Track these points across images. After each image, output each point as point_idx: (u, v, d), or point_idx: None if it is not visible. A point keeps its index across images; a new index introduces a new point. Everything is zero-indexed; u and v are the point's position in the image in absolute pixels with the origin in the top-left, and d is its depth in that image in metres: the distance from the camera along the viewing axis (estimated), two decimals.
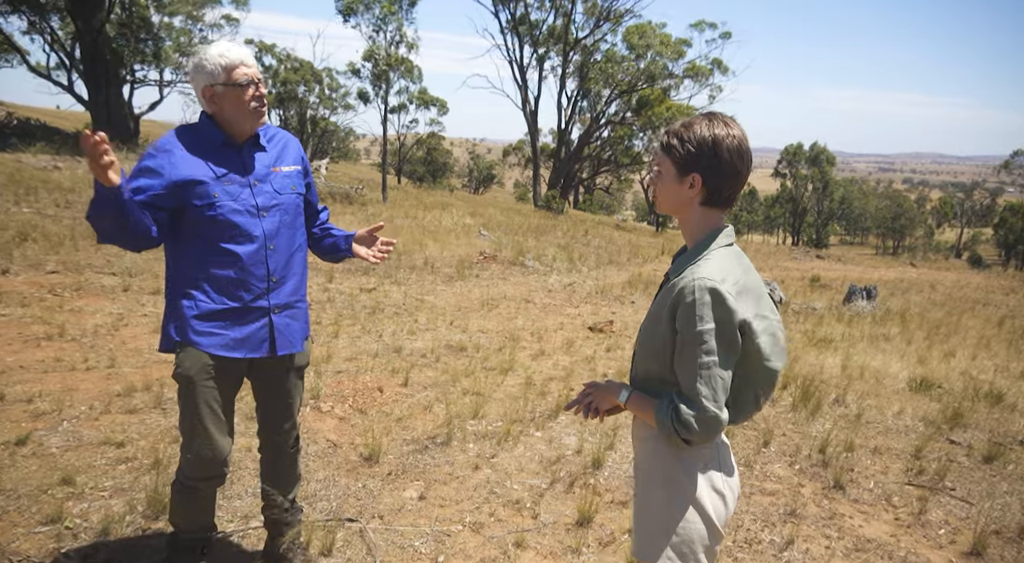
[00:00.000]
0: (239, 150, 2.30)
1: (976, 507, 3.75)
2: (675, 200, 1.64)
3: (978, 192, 78.56)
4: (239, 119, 2.24)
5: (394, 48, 18.47)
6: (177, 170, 2.17)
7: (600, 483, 3.71)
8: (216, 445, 2.31)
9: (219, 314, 2.27)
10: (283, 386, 2.51)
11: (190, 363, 2.25)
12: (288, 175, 2.40)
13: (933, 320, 9.77)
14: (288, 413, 2.56)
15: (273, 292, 2.35)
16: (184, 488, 2.40)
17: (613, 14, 27.62)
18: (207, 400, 2.28)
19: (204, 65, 2.18)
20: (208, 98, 2.22)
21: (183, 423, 2.33)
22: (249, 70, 2.21)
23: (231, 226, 2.23)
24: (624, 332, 7.41)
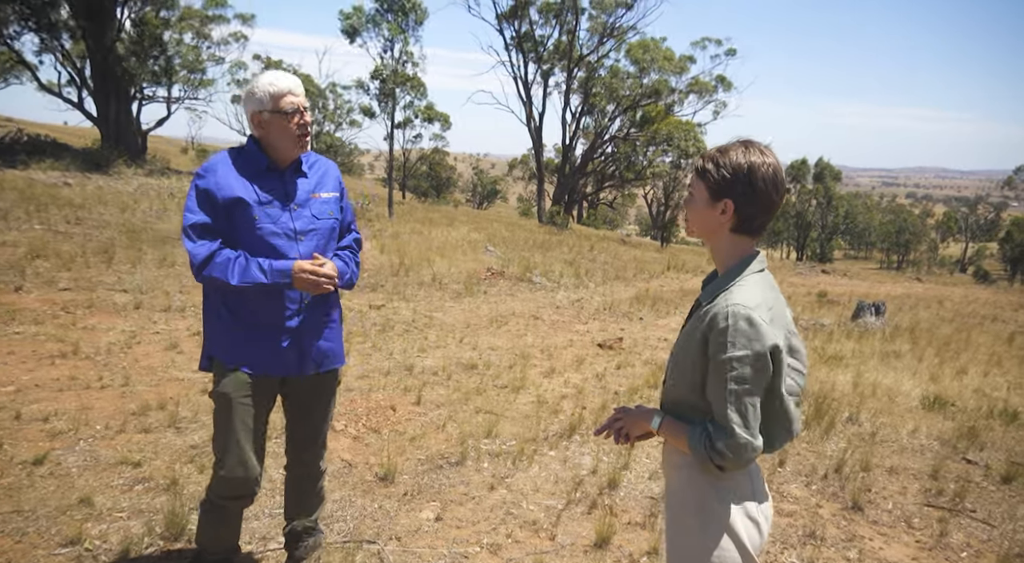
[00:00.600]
0: (282, 175, 2.38)
1: (998, 529, 3.72)
2: (706, 225, 1.64)
3: (982, 206, 78.57)
4: (283, 144, 2.33)
5: (401, 66, 18.61)
6: (222, 191, 2.26)
7: (617, 504, 3.69)
8: (249, 464, 2.34)
9: (253, 333, 2.33)
10: (313, 405, 2.55)
11: (227, 381, 2.32)
12: (327, 201, 2.46)
13: (943, 336, 9.74)
14: (317, 431, 2.60)
15: (304, 313, 2.39)
16: (213, 507, 2.42)
17: (617, 31, 27.82)
18: (243, 418, 2.33)
19: (255, 92, 2.29)
20: (256, 123, 2.32)
21: (217, 441, 2.36)
22: (296, 99, 2.29)
23: (269, 248, 2.30)
24: (634, 349, 7.39)
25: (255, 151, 2.36)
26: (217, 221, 2.27)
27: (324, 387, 2.55)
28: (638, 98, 27.65)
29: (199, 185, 2.28)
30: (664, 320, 9.46)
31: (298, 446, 2.60)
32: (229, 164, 2.33)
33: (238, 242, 2.29)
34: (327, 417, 2.61)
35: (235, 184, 2.28)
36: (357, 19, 19.51)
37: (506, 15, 27.67)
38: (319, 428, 2.59)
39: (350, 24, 19.49)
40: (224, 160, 2.34)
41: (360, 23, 19.35)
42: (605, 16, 27.02)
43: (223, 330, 2.34)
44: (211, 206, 2.27)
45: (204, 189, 2.27)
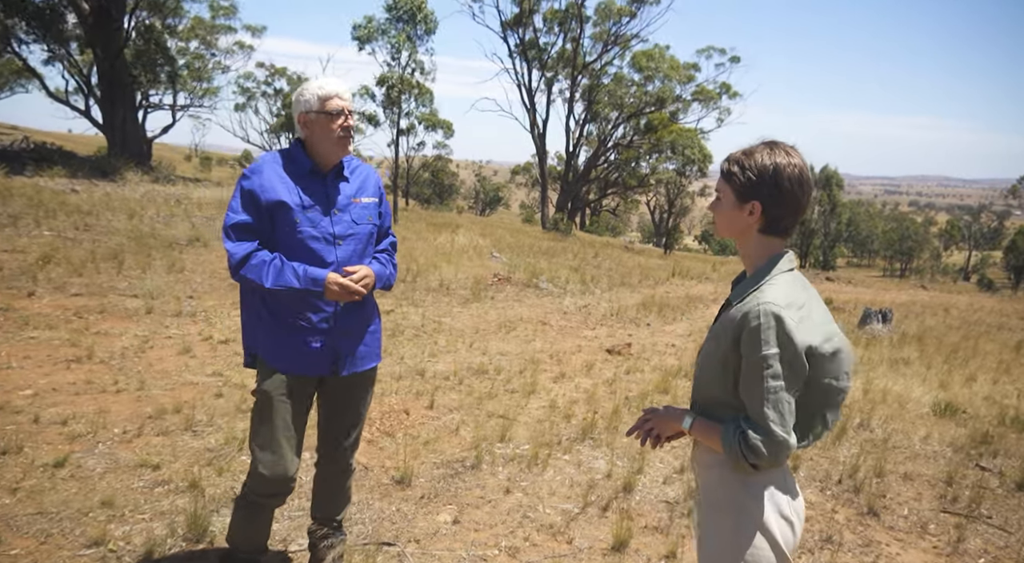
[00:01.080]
0: (324, 180, 2.43)
1: (1015, 536, 3.73)
2: (734, 226, 1.66)
3: (985, 215, 78.42)
4: (326, 145, 2.38)
5: (408, 74, 18.69)
6: (266, 192, 2.32)
7: (632, 507, 3.70)
8: (287, 461, 2.38)
9: (290, 333, 2.37)
10: (349, 403, 2.59)
11: (268, 380, 2.36)
12: (366, 206, 2.51)
13: (951, 344, 9.73)
14: (350, 430, 2.64)
15: (340, 316, 2.43)
16: (248, 504, 2.46)
17: (621, 38, 27.93)
18: (283, 416, 2.38)
19: (304, 94, 2.36)
20: (302, 124, 2.38)
21: (256, 438, 2.40)
22: (341, 102, 2.35)
23: (308, 251, 2.34)
24: (642, 354, 7.40)
25: (300, 154, 2.42)
26: (259, 222, 2.32)
27: (360, 386, 2.59)
28: (642, 106, 27.73)
29: (244, 186, 2.33)
30: (671, 326, 9.46)
31: (331, 443, 2.64)
32: (275, 166, 2.38)
33: (277, 243, 2.34)
34: (361, 416, 2.66)
35: (279, 186, 2.33)
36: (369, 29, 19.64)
37: (510, 23, 27.79)
38: (353, 426, 2.64)
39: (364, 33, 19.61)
40: (270, 161, 2.39)
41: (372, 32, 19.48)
42: (609, 24, 27.15)
43: (263, 331, 2.40)
44: (254, 207, 2.32)
45: (249, 190, 2.32)
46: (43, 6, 19.26)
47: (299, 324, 2.38)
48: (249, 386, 4.91)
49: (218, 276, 8.73)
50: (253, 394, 2.45)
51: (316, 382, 2.50)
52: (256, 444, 2.40)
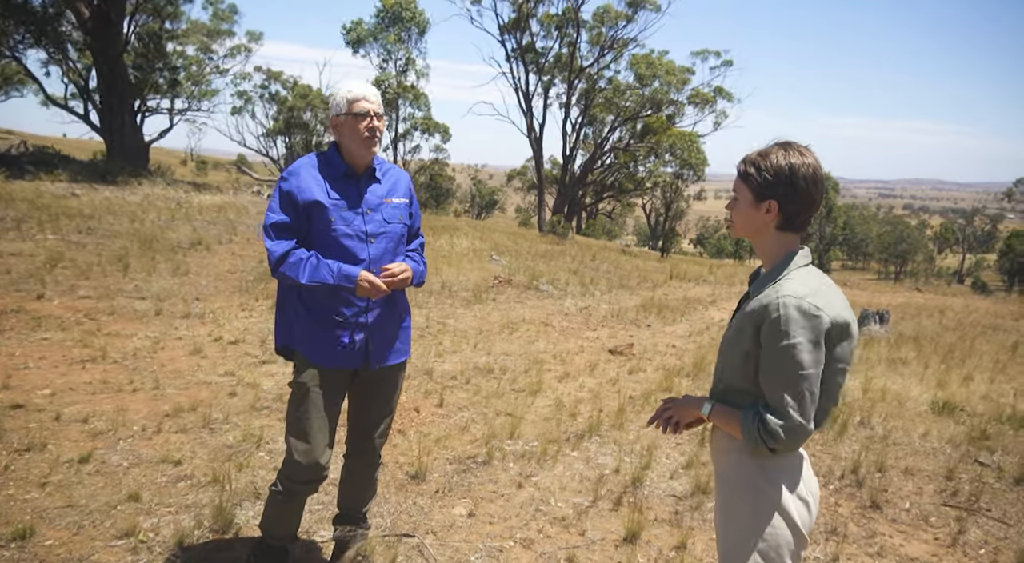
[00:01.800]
0: (357, 181, 2.54)
1: (1014, 528, 3.83)
2: (752, 225, 1.76)
3: (979, 218, 78.97)
4: (354, 145, 2.49)
5: (403, 76, 18.79)
6: (303, 193, 2.43)
7: (642, 501, 3.79)
8: (321, 449, 2.49)
9: (324, 326, 2.48)
10: (379, 396, 2.70)
11: (305, 373, 2.48)
12: (397, 206, 2.62)
13: (947, 344, 9.86)
14: (380, 423, 2.73)
15: (372, 311, 2.53)
16: (283, 491, 2.54)
17: (618, 43, 28.11)
18: (317, 407, 2.48)
19: (334, 98, 2.49)
20: (333, 126, 2.51)
21: (291, 428, 2.51)
22: (368, 105, 2.46)
23: (342, 249, 2.46)
24: (644, 355, 7.50)
25: (335, 157, 2.53)
26: (296, 221, 2.45)
27: (391, 379, 2.69)
28: (638, 109, 27.90)
29: (283, 187, 2.45)
30: (671, 327, 9.57)
31: (361, 436, 2.74)
32: (311, 168, 2.50)
33: (313, 241, 2.45)
34: (392, 408, 2.76)
35: (315, 187, 2.45)
36: (360, 32, 19.75)
37: (508, 27, 27.94)
38: (384, 418, 2.74)
39: (355, 36, 19.73)
40: (307, 164, 2.51)
41: (363, 35, 19.58)
42: (606, 28, 27.33)
43: (300, 326, 2.50)
44: (292, 207, 2.44)
45: (287, 191, 2.44)
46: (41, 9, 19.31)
47: (334, 319, 2.48)
48: (261, 386, 5.01)
49: (223, 278, 8.81)
50: (290, 386, 2.55)
51: (350, 375, 2.59)
52: (292, 433, 2.51)
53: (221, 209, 14.23)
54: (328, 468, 2.55)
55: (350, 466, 2.81)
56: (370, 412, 2.71)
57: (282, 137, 34.42)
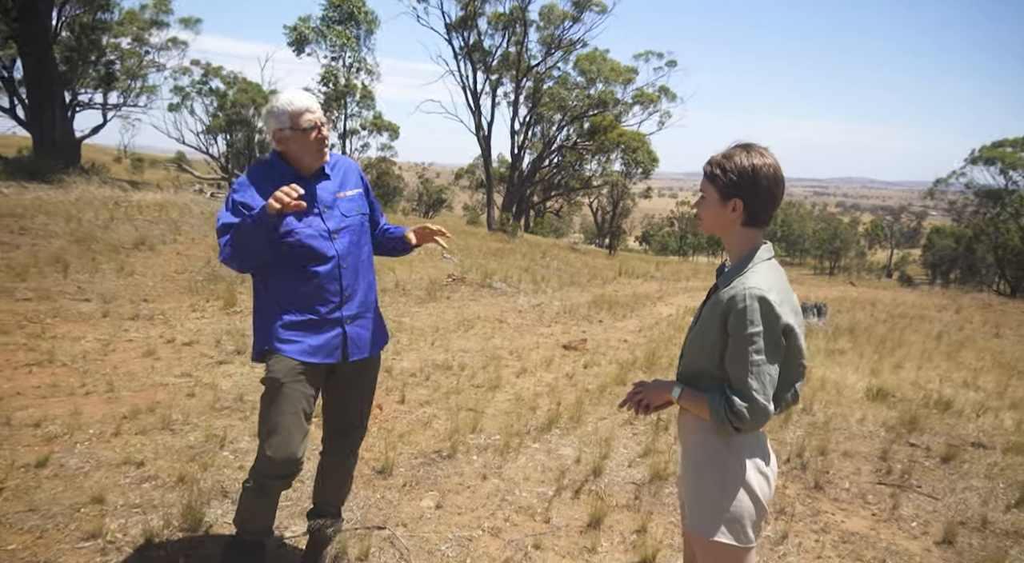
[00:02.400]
0: (308, 182, 2.57)
1: (941, 502, 4.13)
2: (719, 222, 1.90)
3: (905, 216, 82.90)
4: (304, 157, 2.54)
5: (353, 75, 18.61)
6: (257, 200, 2.45)
7: (602, 489, 3.94)
8: (294, 444, 2.50)
9: (301, 325, 2.52)
10: (356, 388, 2.74)
11: (279, 367, 2.49)
12: (352, 198, 2.66)
13: (879, 335, 10.39)
14: (357, 416, 2.79)
15: (346, 305, 2.59)
16: (256, 486, 2.57)
17: (564, 43, 28.42)
18: (291, 401, 2.50)
19: (274, 110, 2.49)
20: (278, 140, 2.52)
21: (264, 423, 2.52)
22: (313, 116, 2.49)
23: (309, 249, 2.50)
24: (598, 350, 7.69)
25: (280, 164, 2.57)
26: None
27: (367, 372, 2.74)
28: (585, 109, 28.29)
29: (236, 198, 2.49)
30: (622, 323, 9.80)
31: (339, 430, 2.78)
32: (260, 177, 2.53)
33: (278, 245, 2.47)
34: (369, 401, 2.81)
35: (266, 192, 2.45)
36: (305, 30, 19.42)
37: (455, 25, 27.91)
38: (361, 412, 2.78)
39: (298, 35, 19.39)
40: (255, 174, 2.55)
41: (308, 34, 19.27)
42: (553, 28, 27.61)
43: (275, 323, 2.52)
44: (246, 210, 2.45)
45: (240, 201, 2.47)
46: None
47: (309, 317, 2.52)
48: (220, 386, 4.97)
49: (170, 279, 8.62)
50: (262, 382, 2.57)
51: (326, 371, 2.63)
52: (265, 428, 2.52)
53: (163, 208, 13.83)
54: (302, 463, 2.58)
55: (327, 463, 2.84)
56: (348, 407, 2.76)
57: (223, 134, 33.56)
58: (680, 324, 9.79)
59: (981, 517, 3.90)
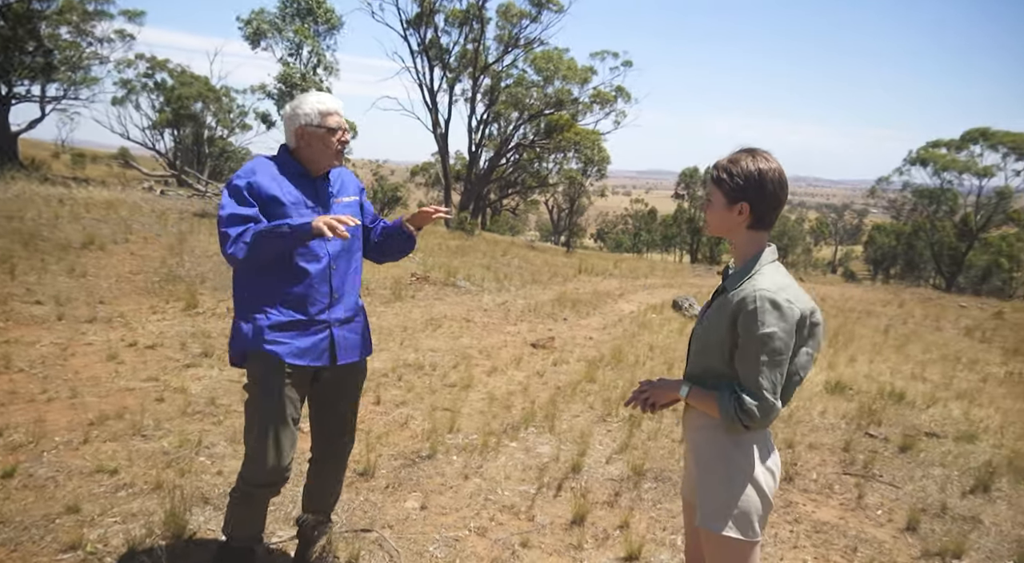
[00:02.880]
0: (313, 181, 2.55)
1: (902, 490, 4.31)
2: (725, 225, 1.95)
3: (848, 213, 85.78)
4: (323, 157, 2.53)
5: (312, 72, 18.27)
6: (260, 188, 2.42)
7: (583, 486, 3.99)
8: (282, 451, 2.46)
9: (288, 325, 2.47)
10: (343, 395, 2.71)
11: (264, 371, 2.44)
12: (349, 204, 2.65)
13: (831, 329, 10.73)
14: (346, 422, 2.76)
15: (334, 307, 2.56)
16: (244, 494, 2.53)
17: (522, 41, 28.46)
18: (279, 407, 2.45)
19: (303, 107, 2.48)
20: (299, 136, 2.50)
21: (251, 430, 2.47)
22: (340, 119, 2.50)
23: (303, 246, 2.45)
24: (565, 348, 7.76)
25: (291, 161, 2.54)
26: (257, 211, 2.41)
27: (353, 377, 2.71)
28: (542, 107, 28.38)
29: (238, 184, 2.42)
30: (586, 320, 9.91)
31: (326, 437, 2.75)
32: (265, 168, 2.50)
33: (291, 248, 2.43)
34: (356, 407, 2.78)
35: (272, 184, 2.45)
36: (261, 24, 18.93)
37: (411, 22, 27.66)
38: (348, 418, 2.75)
39: (254, 30, 18.88)
40: (260, 164, 2.52)
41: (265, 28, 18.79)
42: (510, 26, 27.61)
43: (262, 322, 2.45)
44: (249, 199, 2.41)
45: (242, 187, 2.41)
46: None
47: (298, 317, 2.48)
48: (190, 390, 4.86)
49: (126, 280, 8.36)
50: (245, 388, 2.52)
51: (312, 374, 2.59)
52: (251, 436, 2.48)
53: (111, 206, 13.37)
54: (290, 470, 2.54)
55: (316, 470, 2.81)
56: (335, 413, 2.73)
57: (170, 130, 32.61)
58: (643, 321, 9.95)
59: (941, 503, 4.09)
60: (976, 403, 6.86)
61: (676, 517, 3.69)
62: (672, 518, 3.68)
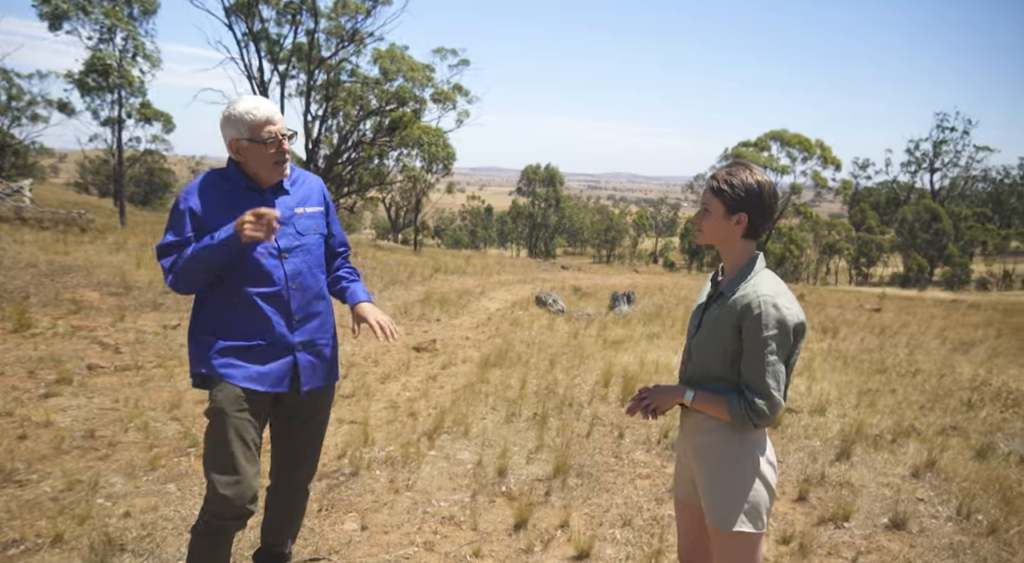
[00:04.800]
0: (262, 195, 2.38)
1: (784, 463, 4.80)
2: (721, 234, 2.06)
3: (665, 207, 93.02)
4: (262, 171, 2.36)
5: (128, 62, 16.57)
6: (205, 211, 2.27)
7: (513, 489, 4.03)
8: (248, 480, 2.30)
9: (244, 350, 2.31)
10: (307, 424, 2.55)
11: (222, 396, 2.27)
12: (312, 215, 2.48)
13: (678, 318, 11.60)
14: (309, 452, 2.59)
15: (297, 330, 2.39)
16: (209, 530, 2.34)
17: (357, 35, 27.69)
18: (239, 433, 2.29)
19: (232, 119, 2.28)
20: (234, 149, 2.32)
21: (212, 460, 2.29)
22: (275, 127, 2.31)
23: (255, 266, 2.31)
24: (447, 349, 7.74)
25: (236, 174, 2.36)
26: (198, 237, 2.27)
27: (320, 403, 2.55)
28: (383, 104, 27.85)
29: (180, 208, 2.26)
30: (457, 320, 9.93)
31: (288, 465, 2.57)
32: (210, 186, 2.33)
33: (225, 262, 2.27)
34: (321, 434, 2.61)
35: (216, 206, 2.29)
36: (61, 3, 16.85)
37: (235, 9, 25.91)
38: (315, 446, 2.58)
39: (53, 8, 16.75)
40: (206, 182, 2.34)
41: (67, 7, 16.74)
42: (344, 20, 26.75)
43: (216, 348, 2.29)
44: (192, 224, 2.26)
45: (183, 211, 2.27)
46: None
47: (256, 342, 2.32)
48: (58, 423, 4.28)
49: None
50: (206, 415, 2.32)
51: (271, 400, 2.42)
52: (213, 467, 2.29)
53: None
54: (256, 500, 2.37)
55: (276, 500, 2.63)
56: (296, 439, 2.57)
57: None
58: (513, 319, 10.16)
59: (820, 473, 4.61)
60: (813, 379, 7.77)
61: (608, 511, 3.84)
62: (604, 512, 3.83)
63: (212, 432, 2.29)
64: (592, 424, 5.28)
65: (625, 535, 3.58)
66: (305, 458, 2.61)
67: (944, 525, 3.90)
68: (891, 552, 3.55)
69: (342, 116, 28.84)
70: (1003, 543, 3.69)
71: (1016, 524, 3.86)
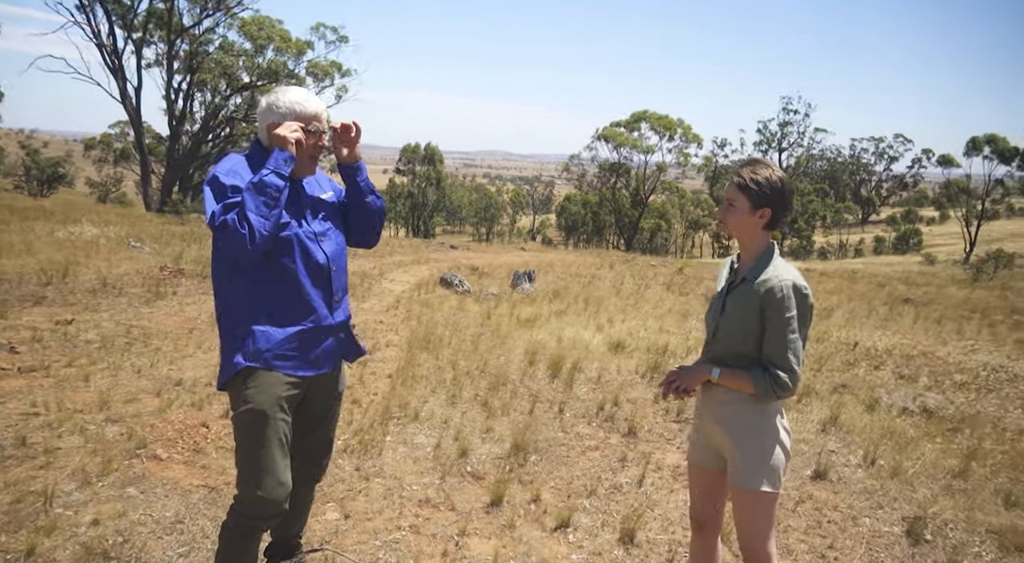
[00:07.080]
0: (294, 181, 2.35)
1: None
2: (745, 227, 2.29)
3: (540, 185, 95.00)
4: (299, 161, 2.32)
5: None
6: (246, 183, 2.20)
7: (478, 469, 4.18)
8: (285, 479, 2.33)
9: (293, 336, 2.31)
10: (328, 412, 2.60)
11: (264, 398, 2.25)
12: (331, 203, 2.50)
13: (578, 295, 12.06)
14: (329, 441, 2.65)
15: (336, 310, 2.44)
16: (244, 531, 2.35)
17: (223, 4, 26.02)
18: (278, 433, 2.30)
19: (279, 106, 2.28)
20: (272, 133, 2.27)
21: (251, 463, 2.29)
22: (320, 125, 2.32)
23: (302, 247, 2.32)
24: (367, 334, 7.67)
25: (264, 157, 2.30)
26: None
27: (335, 393, 2.58)
28: (254, 78, 26.42)
29: (225, 182, 2.19)
30: (366, 304, 9.83)
31: (309, 457, 2.59)
32: (246, 165, 2.29)
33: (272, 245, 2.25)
34: (335, 424, 2.68)
35: None
36: None
37: None
38: (329, 436, 2.65)
39: None
40: (241, 161, 2.30)
41: None
42: None
43: (259, 336, 2.26)
44: None
45: (231, 184, 2.19)
46: None
47: (304, 326, 2.34)
48: None
49: None
50: (240, 416, 2.29)
51: (303, 392, 2.42)
52: (253, 466, 2.29)
53: None
54: (289, 499, 2.38)
55: (300, 490, 2.62)
56: (317, 432, 2.59)
57: None
58: (422, 301, 10.17)
59: None
60: None
61: (571, 483, 4.09)
62: (569, 484, 4.07)
63: (249, 434, 2.27)
64: (532, 402, 5.50)
65: (594, 504, 3.84)
66: (323, 450, 2.65)
67: (855, 472, 4.47)
68: (820, 500, 4.05)
69: (209, 90, 27.08)
70: (905, 482, 4.30)
71: (911, 466, 4.50)
